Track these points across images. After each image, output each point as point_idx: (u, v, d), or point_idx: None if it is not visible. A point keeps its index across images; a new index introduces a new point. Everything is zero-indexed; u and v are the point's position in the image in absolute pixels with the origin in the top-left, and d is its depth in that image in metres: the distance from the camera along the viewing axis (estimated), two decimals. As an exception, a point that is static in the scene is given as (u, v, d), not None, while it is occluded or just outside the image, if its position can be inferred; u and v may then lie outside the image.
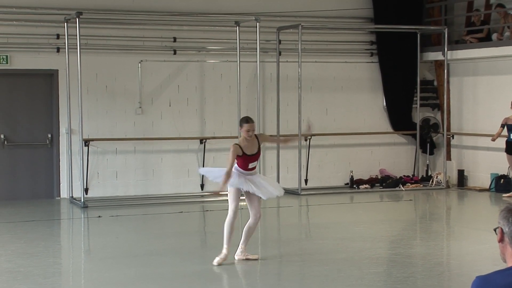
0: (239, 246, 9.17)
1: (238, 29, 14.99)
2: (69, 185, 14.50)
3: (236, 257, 9.15)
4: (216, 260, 8.90)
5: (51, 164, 14.74)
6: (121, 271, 8.74)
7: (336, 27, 16.42)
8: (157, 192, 15.16)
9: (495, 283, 3.33)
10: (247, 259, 9.12)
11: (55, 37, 14.48)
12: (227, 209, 8.91)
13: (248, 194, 8.99)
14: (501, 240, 3.47)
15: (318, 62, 16.28)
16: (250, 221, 9.12)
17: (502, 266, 3.49)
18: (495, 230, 3.51)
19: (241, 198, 9.04)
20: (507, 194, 14.58)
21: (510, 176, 14.96)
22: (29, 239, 10.70)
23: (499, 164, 15.04)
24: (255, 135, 9.12)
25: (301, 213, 13.81)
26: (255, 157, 9.03)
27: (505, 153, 14.46)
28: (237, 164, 8.96)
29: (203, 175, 15.13)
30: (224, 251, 8.96)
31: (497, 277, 3.36)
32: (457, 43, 16.63)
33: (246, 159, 8.92)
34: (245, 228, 9.16)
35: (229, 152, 8.82)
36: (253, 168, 9.08)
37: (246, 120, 9.08)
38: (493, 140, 14.52)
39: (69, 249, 10.75)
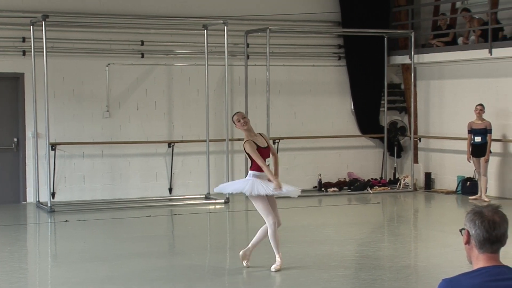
0: (250, 245, 9.02)
1: (206, 32, 14.97)
2: (35, 189, 14.35)
3: (241, 252, 9.07)
4: (273, 267, 8.78)
5: (17, 168, 14.59)
6: (88, 276, 8.68)
7: (304, 30, 16.47)
8: (125, 196, 15.08)
9: (461, 285, 3.35)
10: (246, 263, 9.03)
11: (21, 40, 14.35)
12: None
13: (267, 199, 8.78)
14: (467, 242, 3.50)
15: (286, 66, 16.31)
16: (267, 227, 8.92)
17: (468, 268, 3.51)
18: (460, 231, 3.54)
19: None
20: (474, 197, 14.70)
21: (476, 179, 15.09)
22: (-6, 244, 10.59)
23: (466, 166, 15.17)
24: (260, 133, 9.02)
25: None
26: (267, 150, 8.81)
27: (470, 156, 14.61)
28: (253, 165, 8.75)
29: (171, 180, 15.16)
30: (278, 259, 8.81)
31: (463, 279, 3.39)
32: (423, 47, 16.76)
33: (261, 153, 8.67)
34: (260, 230, 8.99)
35: (248, 151, 8.60)
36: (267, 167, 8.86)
37: (234, 113, 9.03)
38: (469, 159, 14.59)
39: (36, 254, 10.65)
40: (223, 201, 14.41)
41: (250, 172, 8.86)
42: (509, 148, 14.90)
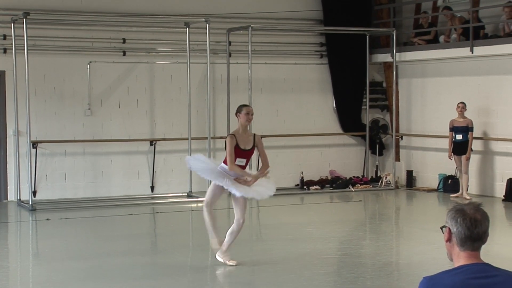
0: (221, 247, 8.90)
1: (188, 30, 14.94)
2: (16, 187, 14.27)
3: (217, 256, 8.95)
4: (217, 254, 8.82)
5: (-2, 167, 14.52)
6: (70, 274, 8.64)
7: (286, 28, 16.47)
8: (107, 194, 15.02)
9: (442, 283, 3.37)
10: (225, 263, 8.90)
11: (2, 37, 14.26)
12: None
13: (234, 195, 8.67)
14: (449, 240, 3.51)
15: (268, 64, 16.31)
16: (233, 226, 8.85)
17: (449, 266, 3.53)
18: (442, 228, 3.56)
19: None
20: (455, 194, 14.77)
21: (457, 177, 15.16)
22: (-25, 243, 10.53)
23: (447, 164, 15.24)
24: (254, 134, 8.90)
25: (252, 214, 13.80)
26: (247, 153, 8.62)
27: (452, 154, 14.67)
28: (226, 158, 8.57)
29: (153, 178, 15.16)
30: (212, 240, 8.80)
31: (444, 277, 3.41)
32: (405, 45, 16.82)
33: (237, 154, 8.50)
34: (228, 231, 8.90)
35: (227, 144, 8.42)
36: (242, 167, 8.70)
37: (244, 104, 8.81)
38: (450, 157, 14.64)
39: (17, 252, 10.58)
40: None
41: (221, 164, 8.79)
42: (490, 146, 14.99)
